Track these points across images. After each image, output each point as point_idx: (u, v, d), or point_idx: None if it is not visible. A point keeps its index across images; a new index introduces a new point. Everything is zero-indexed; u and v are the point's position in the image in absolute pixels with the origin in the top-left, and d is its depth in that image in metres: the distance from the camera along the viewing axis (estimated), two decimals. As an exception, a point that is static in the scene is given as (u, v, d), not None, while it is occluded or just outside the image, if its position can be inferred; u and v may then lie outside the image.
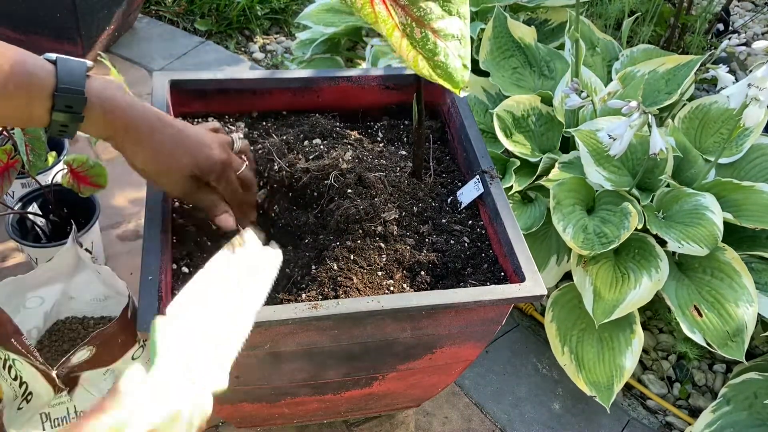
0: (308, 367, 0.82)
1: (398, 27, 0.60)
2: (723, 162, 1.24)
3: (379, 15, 0.59)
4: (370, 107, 1.05)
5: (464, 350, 0.87)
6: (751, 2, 2.29)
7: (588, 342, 1.16)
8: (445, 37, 0.61)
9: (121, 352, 0.90)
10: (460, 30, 0.62)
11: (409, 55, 0.60)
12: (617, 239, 1.08)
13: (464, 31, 0.62)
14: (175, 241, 0.82)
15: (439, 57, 0.61)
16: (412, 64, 0.60)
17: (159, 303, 0.70)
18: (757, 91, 0.97)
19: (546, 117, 1.32)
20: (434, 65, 0.61)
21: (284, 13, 2.10)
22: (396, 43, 0.60)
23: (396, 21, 0.60)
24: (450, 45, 0.61)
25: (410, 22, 0.60)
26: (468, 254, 0.85)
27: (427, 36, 0.60)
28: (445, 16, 0.61)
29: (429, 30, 0.61)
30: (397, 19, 0.60)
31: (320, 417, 1.07)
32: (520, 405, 1.21)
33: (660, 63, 1.33)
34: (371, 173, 0.89)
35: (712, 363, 1.31)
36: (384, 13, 0.59)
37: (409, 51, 0.60)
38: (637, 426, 1.20)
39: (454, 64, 0.61)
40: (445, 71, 0.61)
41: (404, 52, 0.60)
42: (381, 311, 0.72)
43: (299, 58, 1.72)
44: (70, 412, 0.89)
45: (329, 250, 0.82)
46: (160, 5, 2.04)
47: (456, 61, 0.61)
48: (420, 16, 0.60)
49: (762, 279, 1.15)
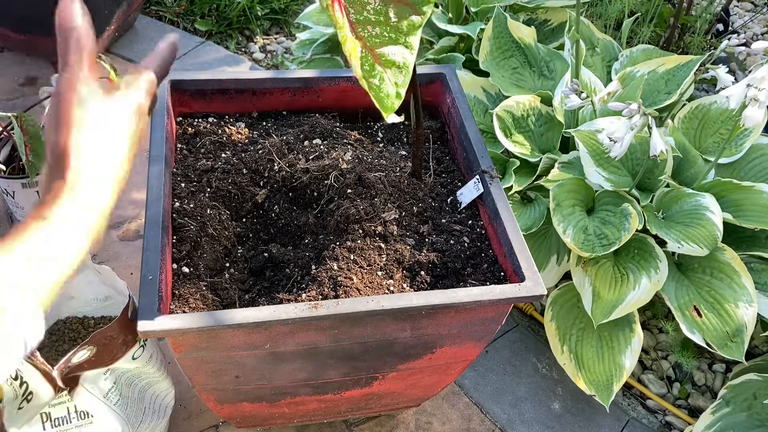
0: (308, 367, 0.82)
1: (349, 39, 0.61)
2: (723, 162, 1.24)
3: (337, 20, 0.61)
4: (370, 107, 1.05)
5: (464, 350, 0.87)
6: (751, 2, 2.29)
7: (587, 341, 1.16)
8: (385, 63, 0.62)
9: (121, 351, 0.90)
10: (404, 59, 0.62)
11: (355, 67, 0.61)
12: (618, 241, 1.08)
13: (408, 60, 0.62)
14: (175, 241, 0.82)
15: (374, 80, 0.62)
16: (359, 78, 0.62)
17: (159, 303, 0.70)
18: (756, 92, 0.97)
19: (546, 117, 1.32)
20: (369, 86, 0.62)
21: (284, 13, 2.10)
22: (347, 53, 0.61)
23: (347, 33, 0.61)
24: (389, 72, 0.62)
25: (355, 38, 0.61)
26: (468, 254, 0.85)
27: (367, 56, 0.62)
28: (388, 43, 0.62)
29: (370, 52, 0.62)
30: (347, 31, 0.61)
31: (320, 417, 1.07)
32: (520, 405, 1.21)
33: (660, 63, 1.33)
34: (371, 173, 0.89)
35: (711, 363, 1.31)
36: (341, 21, 0.61)
37: (355, 62, 0.61)
38: (637, 425, 1.20)
39: (387, 90, 0.62)
40: (377, 94, 0.62)
41: (352, 62, 0.61)
42: (381, 311, 0.72)
43: (299, 58, 1.72)
44: (71, 412, 0.89)
45: (329, 250, 0.82)
46: (160, 5, 2.04)
47: (390, 88, 0.62)
48: (364, 37, 0.62)
49: (761, 279, 1.15)
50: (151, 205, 0.79)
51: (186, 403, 1.13)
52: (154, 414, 1.00)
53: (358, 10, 0.61)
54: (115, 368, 0.90)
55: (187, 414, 1.12)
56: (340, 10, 0.61)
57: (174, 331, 0.69)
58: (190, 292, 0.77)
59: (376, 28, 0.62)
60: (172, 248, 0.81)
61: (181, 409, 1.12)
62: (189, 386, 0.90)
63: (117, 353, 0.89)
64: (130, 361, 0.91)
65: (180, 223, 0.83)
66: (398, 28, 0.62)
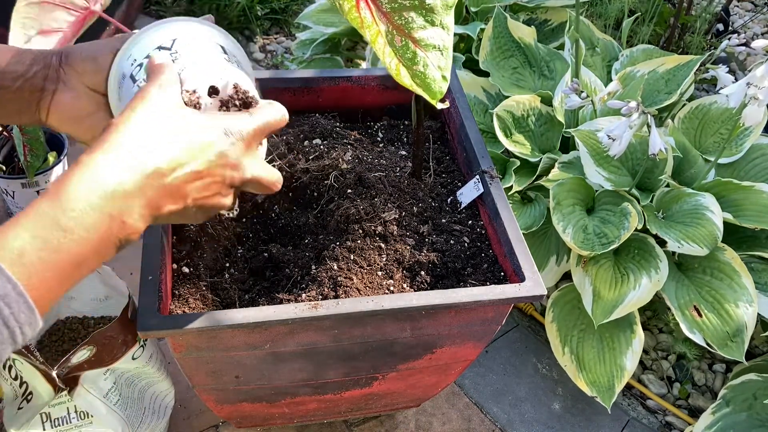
0: (308, 367, 0.82)
1: (381, 34, 0.60)
2: (723, 162, 1.24)
3: (364, 20, 0.59)
4: (370, 107, 1.05)
5: (464, 350, 0.87)
6: (751, 2, 2.29)
7: (588, 342, 1.16)
8: (425, 47, 0.60)
9: (121, 351, 0.90)
10: (443, 41, 0.61)
11: (391, 63, 0.60)
12: (617, 240, 1.08)
13: (446, 42, 0.61)
14: (175, 241, 0.82)
15: (418, 67, 0.60)
16: (394, 73, 0.60)
17: (159, 303, 0.70)
18: (756, 91, 0.97)
19: (546, 117, 1.32)
20: (413, 74, 0.60)
21: (284, 13, 2.10)
22: (379, 50, 0.59)
23: (380, 28, 0.59)
24: (430, 55, 0.61)
25: (391, 29, 0.60)
26: (468, 254, 0.85)
27: (407, 45, 0.60)
28: (426, 26, 0.60)
29: (409, 39, 0.60)
30: (381, 25, 0.60)
31: (320, 417, 1.07)
32: (520, 405, 1.21)
33: (660, 63, 1.33)
34: (371, 173, 0.89)
35: (711, 363, 1.31)
36: (369, 19, 0.59)
37: (391, 59, 0.60)
38: (637, 426, 1.20)
39: (432, 75, 0.61)
40: (423, 81, 0.60)
41: (387, 59, 0.60)
42: (381, 311, 0.72)
43: (299, 58, 1.72)
44: (71, 412, 0.89)
45: (329, 250, 0.82)
46: (160, 5, 2.04)
47: (435, 72, 0.61)
48: (401, 25, 0.60)
49: (762, 279, 1.15)
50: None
51: (186, 403, 1.13)
52: (154, 414, 1.00)
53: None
54: (115, 368, 0.90)
55: (187, 414, 1.12)
56: (367, 8, 0.59)
57: (174, 331, 0.68)
58: (190, 292, 0.77)
59: (411, 13, 0.60)
60: (172, 248, 0.81)
61: (181, 409, 1.12)
62: (189, 386, 0.90)
63: (117, 353, 0.89)
64: (130, 361, 0.91)
65: (180, 223, 0.83)
66: (433, 9, 0.60)
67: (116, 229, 0.45)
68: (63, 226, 0.43)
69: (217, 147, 0.51)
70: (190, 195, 0.50)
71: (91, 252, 0.44)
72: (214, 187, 0.52)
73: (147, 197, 0.47)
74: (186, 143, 0.49)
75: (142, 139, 0.48)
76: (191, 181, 0.50)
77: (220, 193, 0.53)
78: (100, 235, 0.44)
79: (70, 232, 0.43)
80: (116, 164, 0.46)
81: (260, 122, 0.55)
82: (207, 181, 0.51)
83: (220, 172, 0.51)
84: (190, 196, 0.50)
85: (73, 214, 0.43)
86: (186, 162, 0.49)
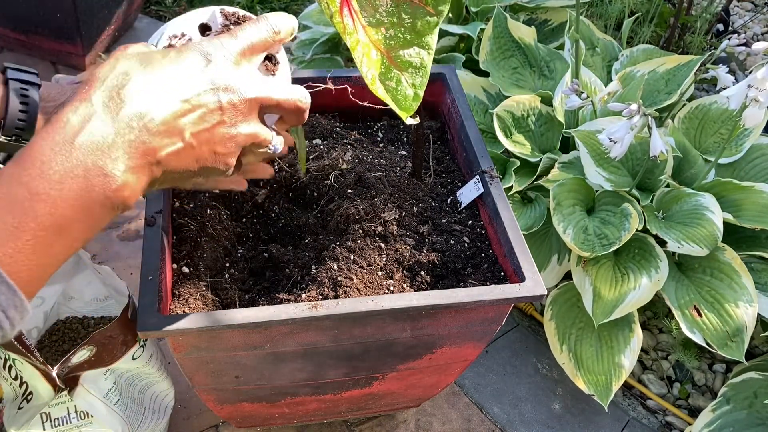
0: (308, 367, 0.82)
1: (361, 44, 0.60)
2: (723, 162, 1.24)
3: (346, 27, 0.58)
4: (369, 107, 1.05)
5: (464, 350, 0.87)
6: (751, 2, 2.29)
7: (587, 341, 1.16)
8: (402, 65, 0.61)
9: (121, 352, 0.90)
10: (421, 59, 0.61)
11: (367, 74, 0.60)
12: (618, 241, 1.08)
13: (425, 61, 0.61)
14: (175, 241, 0.82)
15: (391, 83, 0.60)
16: (369, 83, 0.60)
17: (159, 303, 0.70)
18: (756, 92, 0.97)
19: (546, 117, 1.32)
20: (385, 88, 0.60)
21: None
22: (357, 59, 0.59)
23: (359, 37, 0.59)
24: (405, 74, 0.61)
25: (368, 42, 0.60)
26: (468, 254, 0.85)
27: (382, 59, 0.60)
28: (404, 45, 0.61)
29: (386, 56, 0.60)
30: (360, 36, 0.59)
31: (320, 417, 1.07)
32: (520, 405, 1.21)
33: (660, 63, 1.33)
34: (371, 173, 0.89)
35: (711, 363, 1.31)
36: (350, 27, 0.59)
37: (368, 69, 0.60)
38: (637, 426, 1.20)
39: (404, 92, 0.61)
40: (395, 97, 0.61)
41: (363, 68, 0.59)
42: (381, 311, 0.72)
43: (299, 58, 1.72)
44: (71, 412, 0.89)
45: (329, 250, 0.82)
46: (160, 5, 2.04)
47: (408, 90, 0.61)
48: (377, 40, 0.60)
49: (762, 279, 1.15)
50: (150, 205, 0.79)
51: (186, 403, 1.13)
52: (154, 414, 1.00)
53: (370, 13, 0.60)
54: (115, 368, 0.90)
55: (186, 414, 1.12)
56: (350, 16, 0.59)
57: (174, 331, 0.68)
58: (190, 292, 0.77)
59: (390, 30, 0.60)
60: (172, 248, 0.81)
61: (181, 409, 1.12)
62: (189, 386, 0.90)
63: (117, 353, 0.89)
64: (130, 362, 0.91)
65: (180, 223, 0.83)
66: (414, 29, 0.60)
67: (98, 184, 0.40)
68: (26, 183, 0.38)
69: (196, 70, 0.47)
70: (186, 129, 0.46)
71: (71, 213, 0.39)
72: (211, 116, 0.47)
73: (128, 141, 0.42)
74: (161, 78, 0.45)
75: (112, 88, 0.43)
76: (182, 114, 0.45)
77: (222, 122, 0.48)
78: (76, 193, 0.39)
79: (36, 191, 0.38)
80: (86, 115, 0.42)
81: (242, 36, 0.51)
82: (201, 112, 0.47)
83: (212, 98, 0.47)
84: (186, 131, 0.46)
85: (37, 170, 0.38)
86: (166, 96, 0.45)
